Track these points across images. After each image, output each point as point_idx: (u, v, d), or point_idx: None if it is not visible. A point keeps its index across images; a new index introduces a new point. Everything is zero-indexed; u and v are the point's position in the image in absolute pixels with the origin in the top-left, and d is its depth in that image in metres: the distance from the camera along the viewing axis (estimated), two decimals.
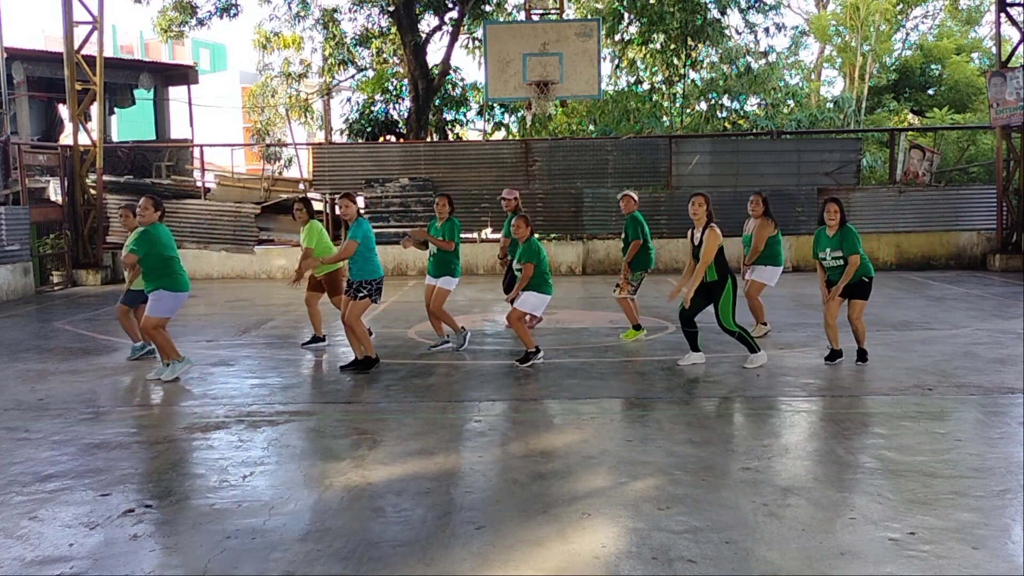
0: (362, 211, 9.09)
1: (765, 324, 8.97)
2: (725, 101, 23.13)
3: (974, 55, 28.16)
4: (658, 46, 22.14)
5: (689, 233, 7.47)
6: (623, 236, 8.87)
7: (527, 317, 7.83)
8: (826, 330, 7.56)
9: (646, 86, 23.31)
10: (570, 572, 3.54)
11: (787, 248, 9.57)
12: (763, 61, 23.33)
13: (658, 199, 16.52)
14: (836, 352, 7.57)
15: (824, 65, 30.89)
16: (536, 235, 7.78)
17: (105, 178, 16.77)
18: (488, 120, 24.10)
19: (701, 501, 4.26)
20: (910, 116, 27.33)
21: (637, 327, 8.84)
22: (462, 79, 24.13)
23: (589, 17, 21.66)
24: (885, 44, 27.12)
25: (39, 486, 4.67)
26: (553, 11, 16.42)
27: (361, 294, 7.45)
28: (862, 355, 7.49)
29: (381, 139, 22.56)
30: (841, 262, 7.21)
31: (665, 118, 22.51)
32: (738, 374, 7.24)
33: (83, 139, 16.27)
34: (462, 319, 10.00)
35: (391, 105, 23.51)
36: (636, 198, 8.94)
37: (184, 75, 24.06)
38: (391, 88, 23.51)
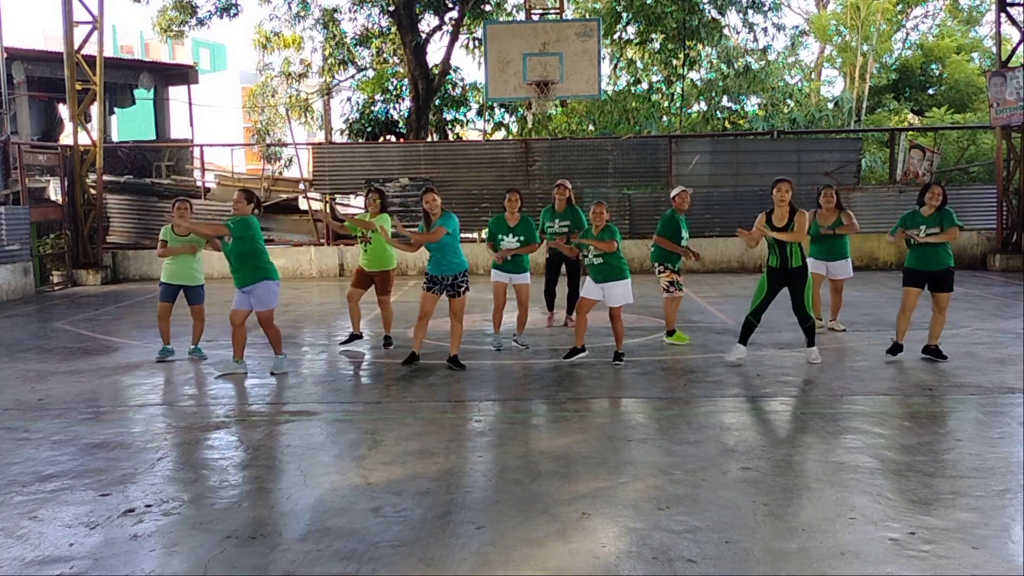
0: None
1: (820, 319, 9.12)
2: (724, 101, 23.13)
3: (974, 55, 28.16)
4: (656, 46, 22.15)
5: (762, 217, 7.44)
6: (686, 235, 8.56)
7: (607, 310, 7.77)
8: (899, 322, 7.59)
9: (645, 86, 23.32)
10: (570, 572, 3.54)
11: None
12: (763, 61, 23.33)
13: (658, 199, 16.52)
14: (898, 346, 7.59)
15: (824, 65, 30.90)
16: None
17: (105, 178, 16.76)
18: (488, 120, 24.10)
19: (701, 501, 4.26)
20: (910, 116, 27.32)
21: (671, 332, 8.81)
22: (462, 79, 24.14)
23: (588, 17, 21.67)
24: (885, 44, 27.12)
25: (39, 486, 4.67)
26: (553, 11, 16.42)
27: (463, 288, 7.43)
28: (939, 352, 7.52)
29: (381, 139, 22.55)
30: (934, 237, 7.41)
31: (664, 118, 22.51)
32: (739, 374, 7.24)
33: (83, 139, 16.27)
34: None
35: (391, 105, 23.51)
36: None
37: (184, 75, 24.08)
38: (391, 88, 23.51)
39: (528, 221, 8.39)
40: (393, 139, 22.58)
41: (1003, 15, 15.86)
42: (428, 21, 22.21)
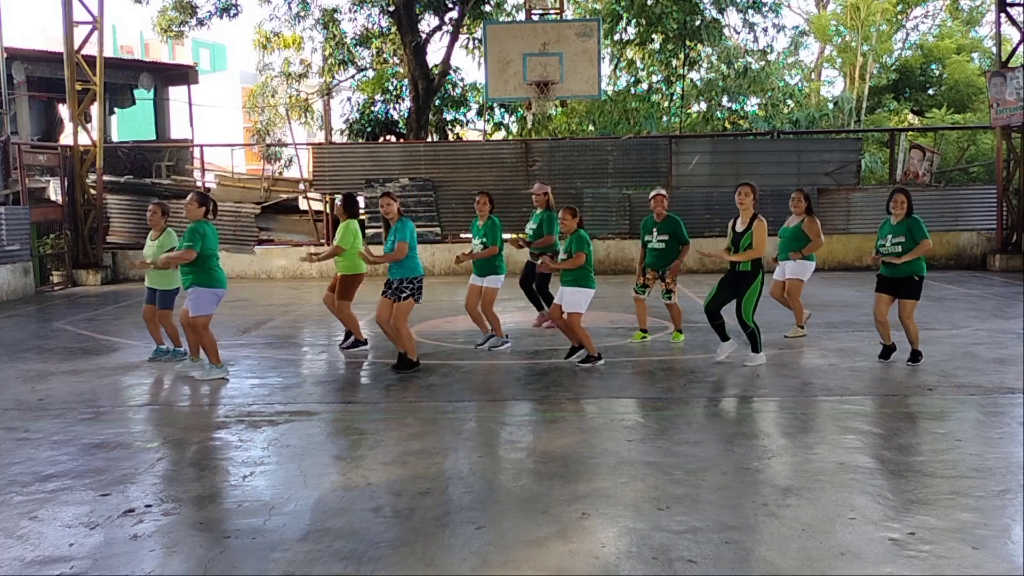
0: (362, 213, 9.05)
1: (802, 328, 8.87)
2: (724, 101, 23.13)
3: (974, 55, 28.15)
4: (656, 46, 22.15)
5: (731, 223, 7.45)
6: (666, 238, 8.48)
7: (564, 315, 7.69)
8: (877, 327, 7.57)
9: (645, 86, 23.32)
10: (570, 572, 3.54)
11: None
12: (763, 61, 23.34)
13: None
14: (889, 348, 7.55)
15: (824, 65, 30.89)
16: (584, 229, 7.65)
17: (105, 178, 16.76)
18: (488, 120, 24.09)
19: (701, 501, 4.26)
20: (910, 116, 27.33)
21: (680, 331, 8.78)
22: (462, 79, 24.12)
23: (588, 17, 21.67)
24: (885, 44, 27.12)
25: (39, 486, 4.67)
26: (553, 11, 16.42)
27: (404, 294, 7.35)
28: (915, 356, 7.42)
29: (381, 139, 22.55)
30: (899, 248, 7.21)
31: (664, 118, 22.51)
32: (738, 374, 7.24)
33: (83, 139, 16.27)
34: (463, 319, 10.00)
35: (391, 105, 23.49)
36: (667, 196, 8.77)
37: (184, 75, 24.06)
38: (391, 88, 23.50)
39: (493, 222, 8.42)
40: (393, 139, 22.57)
41: (1003, 15, 15.87)
42: (428, 21, 22.21)
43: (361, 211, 16.86)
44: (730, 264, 7.39)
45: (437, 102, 22.68)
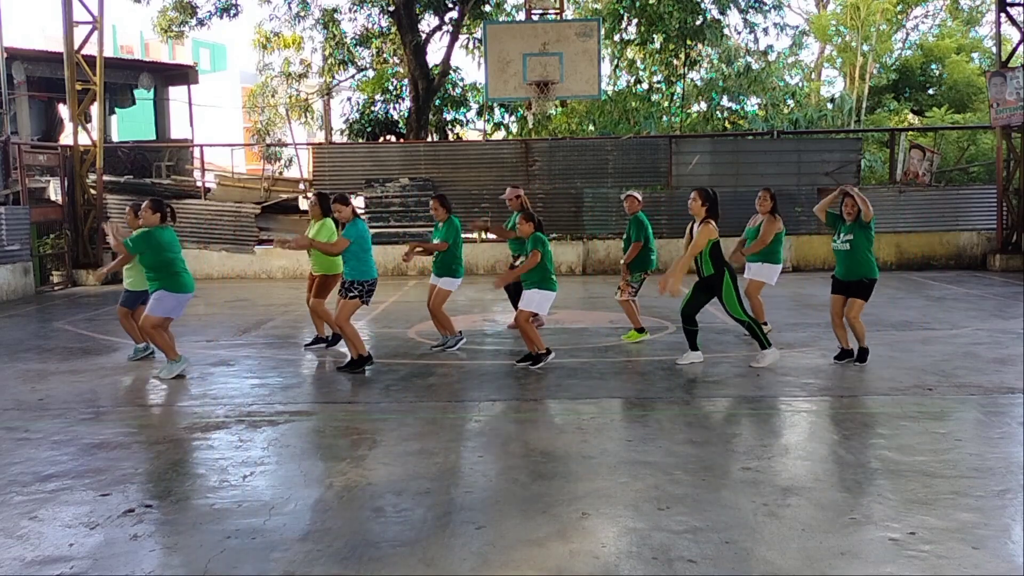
0: (359, 212, 9.06)
1: (765, 323, 8.91)
2: (725, 101, 23.13)
3: (974, 55, 28.16)
4: (657, 46, 22.15)
5: (688, 227, 7.54)
6: (625, 237, 8.88)
7: (533, 317, 7.75)
8: (833, 329, 7.59)
9: (645, 86, 23.33)
10: (570, 572, 3.54)
11: (787, 248, 9.63)
12: (763, 62, 23.33)
13: (658, 199, 16.52)
14: (845, 352, 7.55)
15: (824, 65, 30.89)
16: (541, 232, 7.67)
17: (105, 178, 16.76)
18: (488, 120, 24.10)
19: (701, 501, 4.26)
20: (910, 116, 27.32)
21: (640, 330, 8.80)
22: (462, 79, 24.13)
23: (588, 17, 21.67)
24: (885, 44, 27.11)
25: (39, 486, 4.67)
26: (553, 11, 16.42)
27: (351, 294, 7.39)
28: (862, 355, 7.48)
29: (381, 139, 22.55)
30: (848, 246, 7.28)
31: (664, 118, 22.51)
32: (738, 374, 7.24)
33: (83, 139, 16.27)
34: (463, 319, 10.03)
35: (391, 105, 23.50)
36: (640, 199, 8.97)
37: (184, 75, 24.05)
38: (391, 88, 23.50)
39: (450, 222, 8.47)
40: (393, 139, 22.57)
41: (1003, 15, 15.88)
42: (428, 21, 22.21)
43: (360, 211, 16.85)
44: (697, 272, 7.43)
45: (437, 102, 22.69)
